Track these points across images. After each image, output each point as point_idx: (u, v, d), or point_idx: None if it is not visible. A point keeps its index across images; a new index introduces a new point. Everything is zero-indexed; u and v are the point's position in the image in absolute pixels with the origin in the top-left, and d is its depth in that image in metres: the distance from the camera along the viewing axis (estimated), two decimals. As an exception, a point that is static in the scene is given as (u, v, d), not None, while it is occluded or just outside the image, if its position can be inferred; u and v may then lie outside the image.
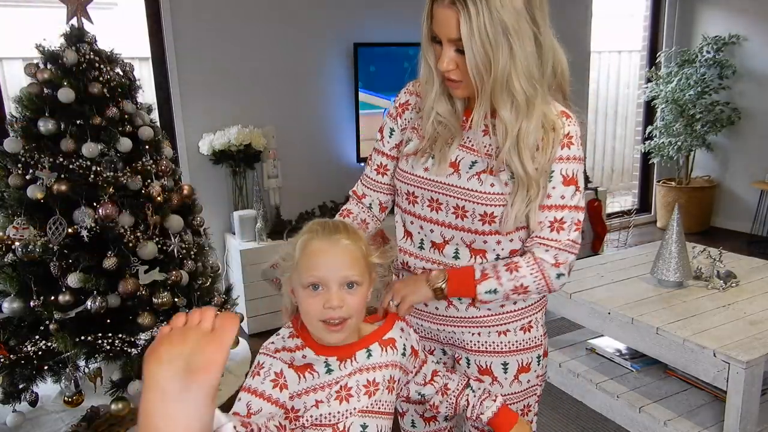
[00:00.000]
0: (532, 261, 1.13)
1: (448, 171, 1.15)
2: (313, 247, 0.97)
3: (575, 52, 4.87)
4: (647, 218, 5.41)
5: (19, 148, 2.05)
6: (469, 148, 1.16)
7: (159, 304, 2.11)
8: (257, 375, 0.99)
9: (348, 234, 0.99)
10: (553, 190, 1.10)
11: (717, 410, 2.10)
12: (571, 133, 1.10)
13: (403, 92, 1.30)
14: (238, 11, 3.39)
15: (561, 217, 1.11)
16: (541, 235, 1.12)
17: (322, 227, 0.99)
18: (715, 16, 4.84)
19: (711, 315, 2.13)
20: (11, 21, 3.48)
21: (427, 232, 1.21)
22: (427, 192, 1.19)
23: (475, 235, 1.16)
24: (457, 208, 1.15)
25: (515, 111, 1.06)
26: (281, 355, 1.00)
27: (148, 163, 2.20)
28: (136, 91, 2.31)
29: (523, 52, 1.03)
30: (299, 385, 0.99)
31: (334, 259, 0.96)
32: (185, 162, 3.39)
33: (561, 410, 2.42)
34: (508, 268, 1.13)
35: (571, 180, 1.11)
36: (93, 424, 2.25)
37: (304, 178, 3.72)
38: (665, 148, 4.76)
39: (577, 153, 1.11)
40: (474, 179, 1.13)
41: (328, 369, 1.00)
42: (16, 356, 2.01)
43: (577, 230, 1.12)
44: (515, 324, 1.22)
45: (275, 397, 0.97)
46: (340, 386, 1.00)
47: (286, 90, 3.60)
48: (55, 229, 2.01)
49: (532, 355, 1.24)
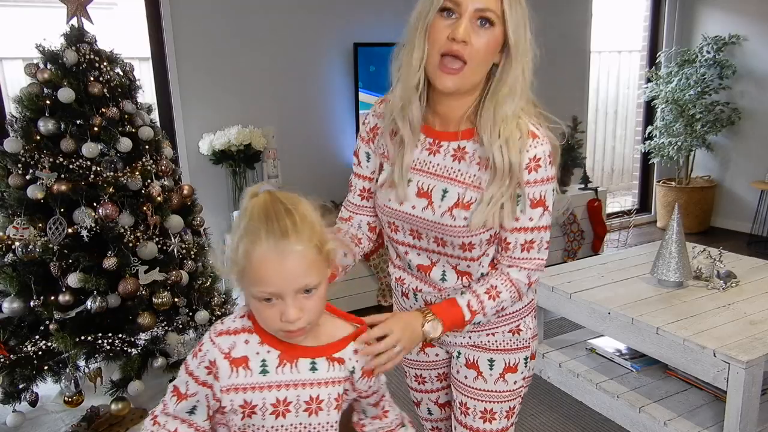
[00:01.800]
0: (509, 284, 1.14)
1: (421, 203, 1.14)
2: (259, 257, 0.85)
3: (575, 52, 4.89)
4: (647, 218, 5.41)
5: (19, 148, 2.05)
6: (438, 175, 1.14)
7: (159, 304, 2.11)
8: (195, 357, 0.95)
9: (298, 233, 0.86)
10: (521, 213, 1.10)
11: (717, 410, 2.10)
12: (538, 155, 1.08)
13: (371, 115, 1.26)
14: (237, 11, 3.39)
15: (531, 238, 1.12)
16: (514, 256, 1.13)
17: (264, 223, 0.86)
18: (715, 16, 4.85)
19: (711, 315, 2.13)
20: (11, 21, 3.48)
21: (413, 256, 1.22)
22: (406, 223, 1.18)
23: (458, 260, 1.17)
24: (437, 238, 1.16)
25: (513, 99, 1.07)
26: (221, 340, 0.95)
27: (148, 163, 2.20)
28: (136, 91, 2.31)
29: (532, 39, 1.05)
30: (229, 380, 0.94)
31: (286, 271, 0.86)
32: (185, 162, 3.39)
33: (561, 410, 2.42)
34: (490, 296, 1.13)
35: (539, 202, 1.10)
36: (93, 424, 2.25)
37: (304, 178, 3.71)
38: (665, 148, 4.76)
39: (545, 174, 1.09)
40: (447, 215, 1.12)
41: (264, 369, 0.94)
42: (16, 356, 2.00)
43: (546, 249, 1.15)
44: (504, 327, 1.24)
45: (210, 382, 0.94)
46: (277, 399, 0.94)
47: (286, 90, 3.61)
48: (55, 229, 2.01)
49: (519, 356, 1.25)
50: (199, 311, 2.25)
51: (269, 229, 0.85)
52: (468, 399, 1.26)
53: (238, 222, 0.91)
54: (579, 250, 4.36)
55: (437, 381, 1.39)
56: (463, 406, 1.27)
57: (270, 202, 0.89)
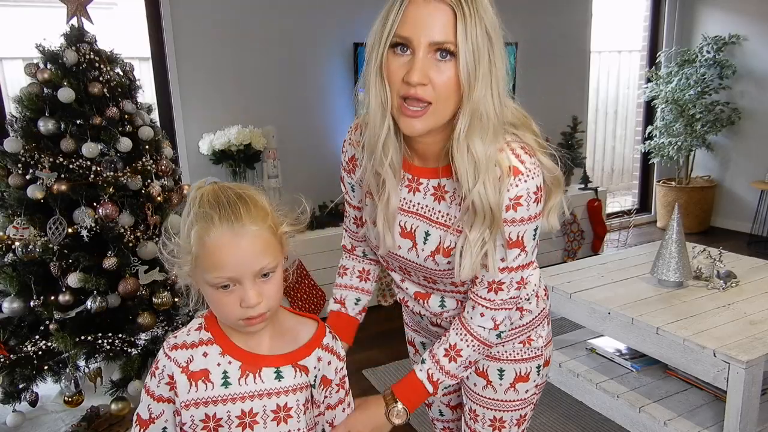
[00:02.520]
0: (470, 338, 1.08)
1: (406, 244, 1.08)
2: (214, 242, 0.84)
3: (575, 52, 4.89)
4: (647, 218, 5.41)
5: (19, 148, 2.05)
6: (420, 215, 1.06)
7: (159, 304, 2.11)
8: (153, 375, 0.94)
9: (251, 214, 0.85)
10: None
11: (717, 410, 2.10)
12: (520, 194, 0.96)
13: (347, 144, 1.18)
14: (238, 11, 3.39)
15: (500, 279, 1.03)
16: (479, 294, 1.06)
17: (216, 208, 0.84)
18: (715, 16, 4.85)
19: (711, 315, 2.13)
20: (11, 21, 3.48)
21: (410, 285, 1.19)
22: (394, 262, 1.15)
23: (453, 293, 1.13)
24: (426, 277, 1.12)
25: (483, 137, 0.93)
26: (177, 354, 0.92)
27: (148, 163, 2.20)
28: (136, 91, 2.31)
29: (501, 65, 0.91)
30: (188, 395, 0.91)
31: (243, 252, 0.84)
32: (185, 162, 3.39)
33: (561, 410, 2.42)
34: (450, 358, 1.08)
35: (516, 243, 1.00)
36: (93, 424, 2.25)
37: (304, 178, 3.71)
38: (665, 148, 4.76)
39: (526, 214, 0.97)
40: (430, 260, 1.06)
41: (226, 381, 0.91)
42: (16, 356, 2.00)
43: (517, 288, 1.06)
44: (514, 340, 1.20)
45: (173, 398, 0.93)
46: (242, 410, 0.92)
47: (286, 90, 3.61)
48: (55, 229, 2.01)
49: (531, 365, 1.21)
50: (199, 311, 2.25)
51: (222, 214, 0.84)
52: (477, 407, 1.24)
53: (186, 211, 0.88)
54: (579, 250, 4.36)
55: None
56: (472, 412, 1.25)
57: (219, 190, 0.88)
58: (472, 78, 0.89)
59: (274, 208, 0.92)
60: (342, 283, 1.28)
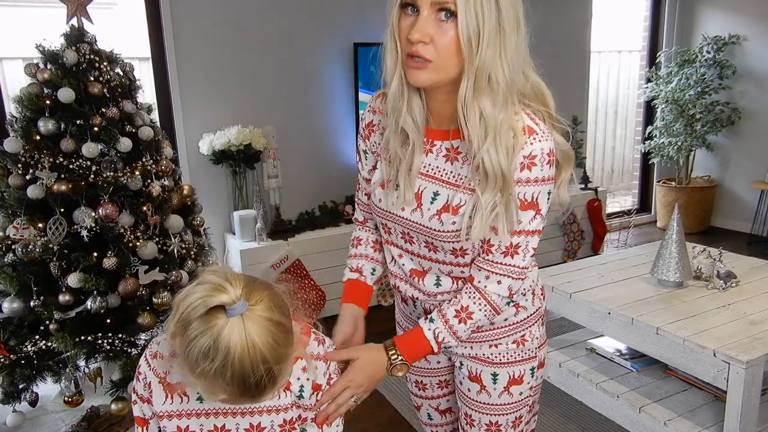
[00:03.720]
0: (483, 302, 1.07)
1: (412, 205, 1.08)
2: (218, 395, 0.83)
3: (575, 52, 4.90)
4: (647, 218, 5.41)
5: (19, 148, 2.05)
6: (430, 177, 1.07)
7: (159, 304, 2.11)
8: (138, 380, 0.94)
9: (271, 392, 0.84)
10: None
11: (717, 410, 2.10)
12: (534, 152, 0.97)
13: (367, 110, 1.19)
14: (238, 11, 3.39)
15: (517, 242, 1.02)
16: (494, 260, 1.05)
17: (240, 391, 0.80)
18: (715, 16, 4.85)
19: (711, 315, 2.13)
20: (11, 21, 3.48)
21: (407, 261, 1.17)
22: (398, 226, 1.13)
23: (451, 266, 1.11)
24: (427, 242, 1.10)
25: (493, 100, 0.94)
26: (156, 363, 0.92)
27: (148, 163, 2.20)
28: (136, 91, 2.30)
29: (510, 33, 0.92)
30: (163, 406, 0.91)
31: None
32: (185, 162, 3.39)
33: (561, 410, 2.42)
34: (461, 319, 1.08)
35: (530, 204, 1.00)
36: (93, 424, 2.25)
37: (304, 178, 3.72)
38: (665, 148, 4.76)
39: (540, 174, 0.98)
40: (435, 219, 1.05)
41: (201, 397, 0.91)
42: (16, 356, 2.00)
43: (531, 257, 1.05)
44: (507, 338, 1.18)
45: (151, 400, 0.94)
46: (215, 426, 0.92)
47: (286, 90, 3.61)
48: (55, 229, 2.01)
49: (524, 368, 1.19)
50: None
51: (243, 392, 0.81)
52: (473, 412, 1.23)
53: (200, 342, 0.79)
54: (579, 250, 4.36)
55: (438, 388, 1.36)
56: (468, 417, 1.24)
57: (248, 356, 0.79)
58: (473, 39, 0.90)
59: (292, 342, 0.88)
60: (357, 252, 1.28)
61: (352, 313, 1.22)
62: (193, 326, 0.79)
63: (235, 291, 0.80)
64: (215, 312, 0.79)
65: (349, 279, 1.26)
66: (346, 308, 1.23)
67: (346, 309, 1.23)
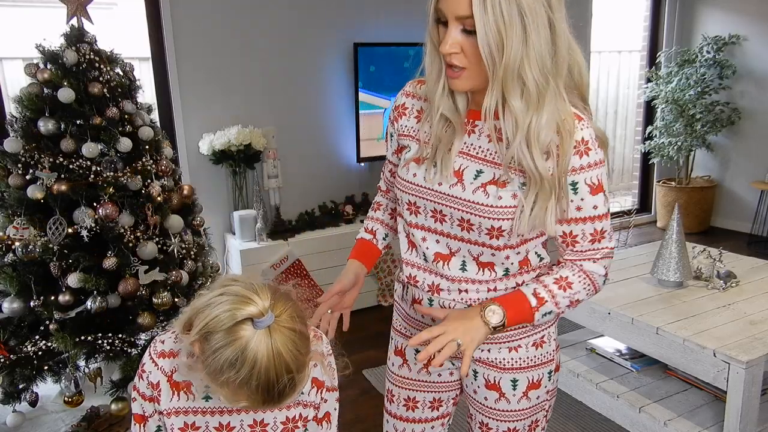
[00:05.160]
0: (583, 276, 1.08)
1: (451, 180, 1.07)
2: (240, 402, 0.83)
3: (575, 52, 4.71)
4: (647, 218, 5.41)
5: (19, 148, 2.05)
6: (472, 156, 1.07)
7: (159, 304, 2.11)
8: (141, 378, 0.94)
9: (293, 395, 0.84)
10: (582, 201, 1.04)
11: (717, 410, 2.10)
12: (585, 138, 1.01)
13: (400, 94, 1.22)
14: (238, 11, 3.39)
15: (601, 228, 1.06)
16: (583, 249, 1.08)
17: (264, 397, 0.81)
18: (715, 16, 4.85)
19: (711, 315, 2.13)
20: (11, 21, 3.48)
21: (432, 243, 1.14)
22: (429, 203, 1.11)
23: (482, 248, 1.09)
24: (462, 220, 1.07)
25: (525, 102, 0.97)
26: (164, 363, 0.93)
27: (148, 163, 2.20)
28: (136, 91, 2.30)
29: (537, 36, 0.94)
30: (170, 403, 0.92)
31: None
32: (185, 162, 3.39)
33: (561, 410, 2.42)
34: (560, 286, 1.07)
35: (598, 187, 1.03)
36: (93, 424, 2.25)
37: (304, 178, 3.72)
38: (665, 148, 4.76)
39: (596, 157, 1.02)
40: (480, 192, 1.04)
41: (207, 395, 0.92)
42: (16, 356, 2.00)
43: (613, 235, 1.09)
44: (527, 339, 1.16)
45: (156, 397, 0.94)
46: (220, 423, 0.92)
47: (286, 90, 3.61)
48: (55, 229, 2.01)
49: (543, 371, 1.18)
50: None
51: (266, 400, 0.82)
52: (490, 420, 1.21)
53: (226, 349, 0.80)
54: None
55: (429, 408, 1.29)
56: (484, 426, 1.22)
57: (274, 367, 0.80)
58: (495, 51, 0.93)
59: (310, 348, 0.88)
60: (375, 216, 1.36)
61: (356, 269, 1.28)
62: (218, 336, 0.79)
63: (263, 303, 0.80)
64: (241, 323, 0.79)
65: (362, 238, 1.34)
66: (352, 263, 1.30)
67: (352, 263, 1.30)
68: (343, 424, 2.24)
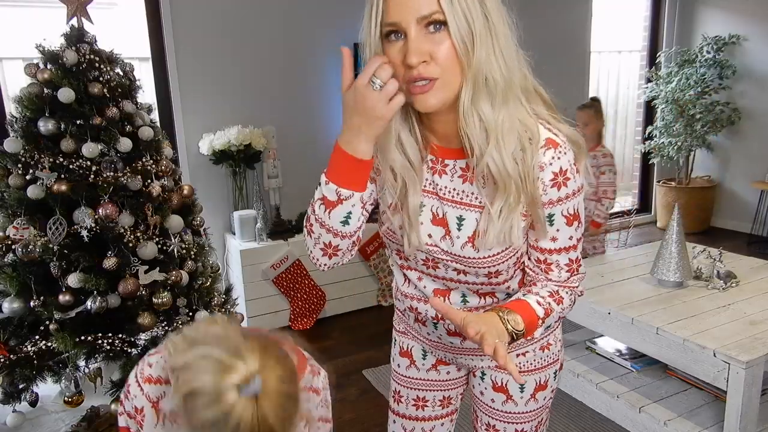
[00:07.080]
0: (568, 289, 1.07)
1: (438, 232, 1.02)
2: None
3: (575, 52, 4.89)
4: (647, 218, 5.41)
5: (19, 148, 2.05)
6: (448, 200, 1.02)
7: (159, 304, 2.11)
8: (127, 398, 0.92)
9: None
10: (557, 232, 1.00)
11: (717, 410, 2.10)
12: (564, 167, 0.95)
13: None
14: (237, 11, 3.39)
15: (576, 257, 1.04)
16: (560, 279, 1.05)
17: None
18: (715, 16, 4.85)
19: (711, 315, 2.13)
20: (11, 21, 3.48)
21: (428, 282, 1.11)
22: (420, 252, 1.06)
23: (481, 285, 1.07)
24: (457, 270, 1.05)
25: (491, 103, 0.91)
26: (149, 388, 0.89)
27: (148, 163, 2.20)
28: (136, 91, 2.30)
29: (501, 29, 0.89)
30: (154, 430, 0.90)
31: None
32: (185, 162, 3.40)
33: (561, 410, 2.42)
34: (555, 299, 1.04)
35: (574, 216, 1.00)
36: (93, 424, 2.25)
37: (304, 178, 3.71)
38: (665, 148, 4.76)
39: (575, 186, 0.97)
40: (468, 248, 1.00)
41: None
42: (16, 356, 2.00)
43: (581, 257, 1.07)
44: (535, 344, 1.17)
45: (139, 419, 0.92)
46: None
47: (286, 90, 3.61)
48: (55, 229, 2.01)
49: (549, 372, 1.19)
50: (199, 311, 2.25)
51: None
52: (497, 422, 1.21)
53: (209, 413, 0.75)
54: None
55: (439, 406, 1.28)
56: (491, 427, 1.22)
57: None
58: (468, 42, 0.87)
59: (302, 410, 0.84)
60: None
61: None
62: (201, 398, 0.75)
63: (248, 367, 0.75)
64: (227, 389, 0.76)
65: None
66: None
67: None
68: (343, 424, 2.24)
